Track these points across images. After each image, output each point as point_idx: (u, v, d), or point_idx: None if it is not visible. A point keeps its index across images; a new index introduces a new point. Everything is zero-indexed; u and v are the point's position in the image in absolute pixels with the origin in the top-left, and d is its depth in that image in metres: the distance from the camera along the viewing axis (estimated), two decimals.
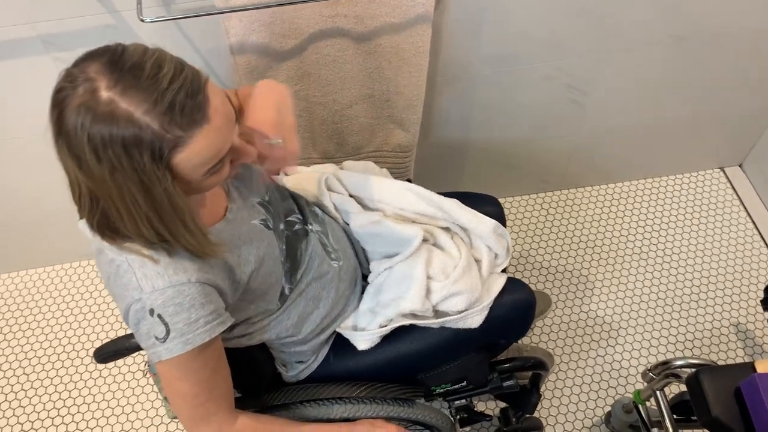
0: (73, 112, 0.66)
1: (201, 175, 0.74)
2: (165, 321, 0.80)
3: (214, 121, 0.72)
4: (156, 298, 0.79)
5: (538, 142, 1.84)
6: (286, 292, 1.01)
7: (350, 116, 1.49)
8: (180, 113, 0.68)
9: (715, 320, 1.79)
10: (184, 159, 0.71)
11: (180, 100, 0.68)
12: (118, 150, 0.67)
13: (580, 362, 1.72)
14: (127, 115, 0.66)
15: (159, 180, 0.70)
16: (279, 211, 1.04)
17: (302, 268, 1.03)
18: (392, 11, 1.29)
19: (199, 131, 0.70)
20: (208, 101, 0.71)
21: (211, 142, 0.72)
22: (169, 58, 0.70)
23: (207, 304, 0.82)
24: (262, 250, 0.94)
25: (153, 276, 0.79)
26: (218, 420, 0.89)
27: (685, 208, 2.03)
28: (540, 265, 1.91)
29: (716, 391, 1.12)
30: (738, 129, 1.96)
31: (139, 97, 0.66)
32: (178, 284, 0.80)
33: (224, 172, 0.79)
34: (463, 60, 1.52)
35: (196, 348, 0.82)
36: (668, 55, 1.62)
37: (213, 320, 0.83)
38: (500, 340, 1.21)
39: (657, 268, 1.90)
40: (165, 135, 0.68)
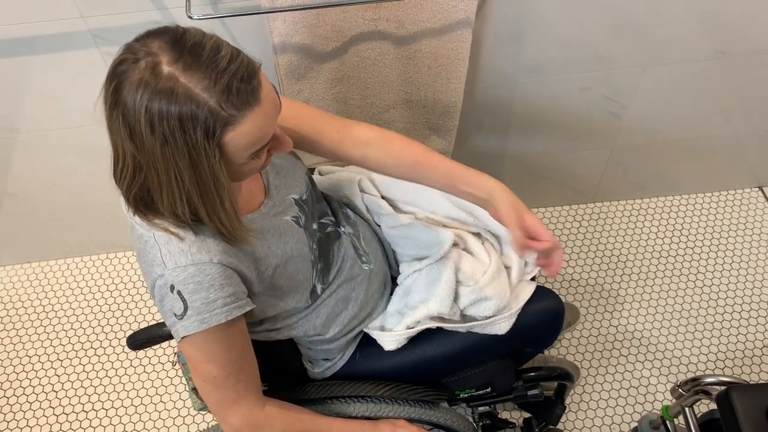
0: (133, 85, 0.69)
1: (245, 157, 0.77)
2: (183, 298, 0.81)
3: (265, 105, 0.75)
4: (177, 275, 0.81)
5: (573, 153, 1.83)
6: (318, 292, 1.02)
7: (387, 120, 1.51)
8: (236, 93, 0.71)
9: (748, 340, 1.76)
10: (233, 138, 0.73)
11: (237, 81, 0.71)
12: (173, 123, 0.69)
13: (607, 376, 1.70)
14: (187, 91, 0.69)
15: (207, 157, 0.72)
16: (313, 211, 1.05)
17: (335, 269, 1.05)
18: (433, 17, 1.30)
19: (250, 113, 0.73)
20: (261, 85, 0.74)
21: (260, 125, 0.75)
22: (226, 43, 0.74)
23: (226, 286, 0.83)
24: (289, 246, 0.96)
25: (177, 253, 0.81)
26: (247, 404, 0.90)
27: (720, 226, 2.00)
28: (570, 277, 1.90)
29: (747, 410, 1.10)
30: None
31: (199, 75, 0.69)
32: (199, 263, 0.81)
33: (262, 159, 0.81)
34: (501, 68, 1.52)
35: (214, 328, 0.83)
36: (709, 70, 1.60)
37: (231, 303, 0.84)
38: (527, 348, 1.21)
39: (690, 285, 1.87)
40: (220, 113, 0.70)
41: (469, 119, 1.65)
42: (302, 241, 0.99)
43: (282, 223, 0.97)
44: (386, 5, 1.27)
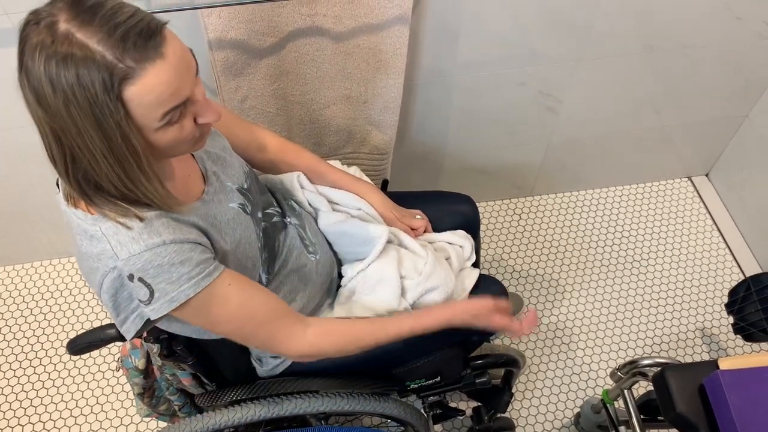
0: (33, 46, 0.68)
1: (157, 119, 0.74)
2: (147, 283, 0.80)
3: (170, 59, 0.72)
4: (134, 264, 0.79)
5: (511, 147, 1.87)
6: (263, 282, 1.01)
7: (328, 116, 1.50)
8: (133, 45, 0.69)
9: (681, 324, 1.84)
10: (136, 94, 0.71)
11: (135, 33, 0.69)
12: (71, 78, 0.67)
13: (550, 364, 1.75)
14: (82, 44, 0.67)
15: (111, 113, 0.70)
16: (258, 201, 1.04)
17: (280, 259, 1.04)
18: (370, 12, 1.30)
19: (152, 66, 0.70)
20: (165, 41, 0.72)
21: (166, 81, 0.72)
22: (129, 4, 0.72)
23: (187, 261, 0.82)
24: (238, 233, 0.95)
25: (128, 242, 0.79)
26: (285, 339, 0.93)
27: (653, 216, 2.08)
28: (512, 268, 1.94)
29: (681, 388, 1.15)
30: (705, 139, 2.02)
31: (94, 29, 0.68)
32: (153, 247, 0.80)
33: (186, 126, 0.78)
34: (439, 64, 1.54)
35: (190, 300, 0.82)
36: (639, 64, 1.67)
37: (197, 274, 0.82)
38: (473, 336, 1.23)
39: (626, 273, 1.94)
40: (117, 64, 0.68)
41: (409, 115, 1.66)
42: (250, 229, 0.98)
43: (228, 210, 0.95)
44: (323, 1, 1.26)
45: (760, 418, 1.04)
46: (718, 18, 1.58)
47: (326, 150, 1.59)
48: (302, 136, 1.54)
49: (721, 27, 1.61)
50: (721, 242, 2.02)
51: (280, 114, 1.48)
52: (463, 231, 1.26)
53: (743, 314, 1.49)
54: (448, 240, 1.21)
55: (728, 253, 1.99)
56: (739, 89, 1.82)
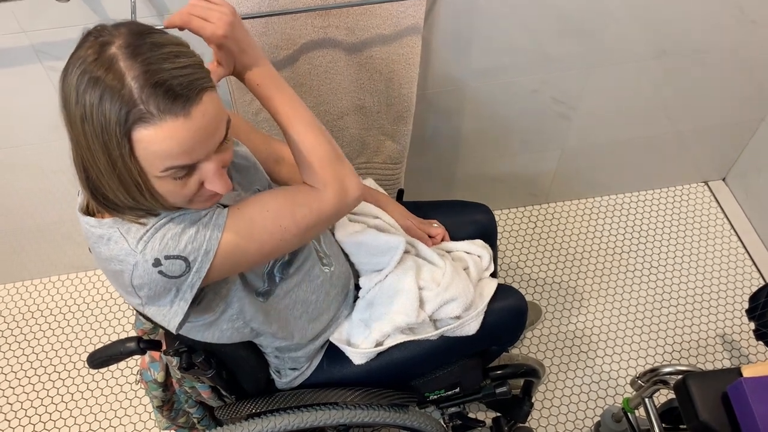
0: (79, 55, 0.70)
1: (158, 170, 0.73)
2: (175, 255, 0.80)
3: (195, 120, 0.71)
4: (152, 248, 0.79)
5: (525, 155, 1.87)
6: (276, 280, 1.00)
7: (341, 127, 1.51)
8: (164, 94, 0.69)
9: (701, 330, 1.81)
10: (145, 139, 0.70)
11: (171, 84, 0.69)
12: (94, 99, 0.68)
13: (569, 372, 1.73)
14: (119, 72, 0.68)
15: (117, 144, 0.70)
16: None
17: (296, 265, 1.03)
18: (383, 23, 1.31)
19: (173, 120, 0.70)
20: (198, 101, 0.71)
21: (180, 138, 0.71)
22: (192, 53, 0.73)
23: (196, 220, 0.82)
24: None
25: (140, 234, 0.80)
26: (315, 196, 0.89)
27: (670, 221, 2.06)
28: (529, 276, 1.93)
29: (704, 396, 1.13)
30: (721, 143, 2.00)
31: (138, 64, 0.68)
32: (162, 225, 0.80)
33: (189, 185, 0.78)
34: (451, 73, 1.54)
35: (223, 240, 0.82)
36: (652, 70, 1.66)
37: (209, 220, 0.82)
38: (493, 346, 1.22)
39: (644, 280, 1.92)
40: (138, 104, 0.68)
41: (423, 124, 1.66)
42: None
43: None
44: (336, 13, 1.27)
45: None
46: (731, 21, 1.57)
47: None
48: None
49: (735, 30, 1.60)
50: (740, 247, 1.99)
51: None
52: (481, 240, 1.25)
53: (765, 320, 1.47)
54: (466, 249, 1.21)
55: (747, 258, 1.97)
56: (754, 93, 1.81)
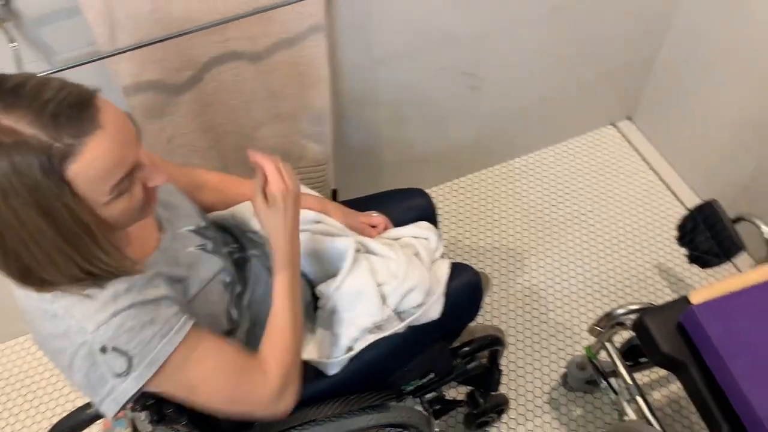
0: None
1: (107, 194, 0.70)
2: (122, 350, 0.75)
3: (108, 128, 0.68)
4: (104, 333, 0.74)
5: (445, 131, 1.88)
6: (235, 317, 0.98)
7: (261, 138, 1.47)
8: (67, 121, 0.65)
9: (642, 266, 1.90)
10: (80, 170, 0.66)
11: (66, 107, 0.65)
12: (5, 168, 0.63)
13: (527, 332, 1.78)
14: (10, 130, 0.63)
15: (56, 195, 0.66)
16: (218, 237, 1.01)
17: (248, 294, 1.01)
18: (284, 27, 1.28)
19: (91, 138, 0.66)
20: (99, 110, 0.68)
21: (108, 151, 0.68)
22: (55, 78, 0.68)
23: (156, 319, 0.78)
24: (203, 273, 0.92)
25: (93, 312, 0.75)
26: (255, 381, 0.87)
27: (589, 168, 2.14)
28: (469, 247, 1.96)
29: (661, 330, 1.19)
30: (622, 85, 2.09)
31: (22, 110, 0.63)
32: (121, 311, 0.76)
33: (136, 194, 0.74)
34: (361, 64, 1.53)
35: (171, 358, 0.79)
36: (548, 26, 1.70)
37: (169, 330, 0.79)
38: (456, 325, 1.23)
39: (576, 229, 1.99)
40: (53, 144, 0.64)
41: (341, 119, 1.64)
42: (216, 266, 0.95)
43: (188, 254, 0.92)
44: (234, 25, 1.23)
45: (741, 341, 1.08)
46: None
47: None
48: (238, 163, 1.50)
49: None
50: (657, 180, 2.10)
51: (211, 146, 1.44)
52: (428, 224, 1.25)
53: (695, 244, 1.55)
54: (413, 234, 1.21)
55: (666, 190, 2.07)
56: (644, 32, 1.89)
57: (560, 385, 1.68)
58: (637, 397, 1.33)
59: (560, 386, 1.68)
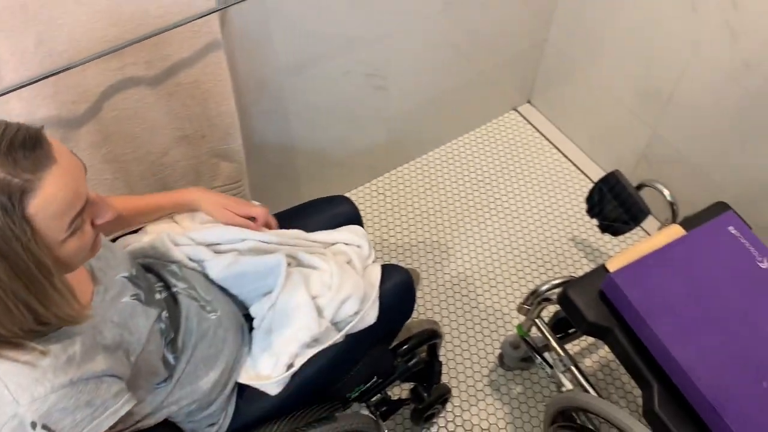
0: None
1: (64, 230, 0.69)
2: (52, 430, 0.72)
3: (62, 162, 0.68)
4: (38, 408, 0.71)
5: (356, 133, 1.90)
6: (171, 362, 0.95)
7: (169, 163, 1.43)
8: (23, 157, 0.64)
9: (559, 242, 1.98)
10: (40, 206, 0.65)
11: (19, 144, 0.64)
12: None
13: (460, 320, 1.82)
14: None
15: (17, 236, 0.63)
16: (148, 283, 0.98)
17: (181, 334, 0.98)
18: (180, 47, 1.25)
19: (48, 173, 0.66)
20: (50, 144, 0.68)
21: (65, 185, 0.68)
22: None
23: (94, 400, 0.76)
24: (141, 326, 0.89)
25: (30, 384, 0.71)
26: None
27: (497, 154, 2.21)
28: (395, 245, 1.98)
29: (585, 300, 1.25)
30: (518, 70, 2.17)
31: None
32: (60, 388, 0.72)
33: (87, 231, 0.73)
34: (265, 76, 1.51)
35: None
36: (442, 21, 1.74)
37: (102, 413, 0.76)
38: (393, 326, 1.25)
39: (494, 214, 2.05)
40: (12, 181, 0.63)
41: (253, 133, 1.62)
42: (152, 317, 0.92)
43: (123, 306, 0.88)
44: (129, 51, 1.19)
45: (659, 300, 1.15)
46: None
47: None
48: (149, 191, 1.45)
49: None
50: (562, 158, 2.19)
51: (117, 178, 1.38)
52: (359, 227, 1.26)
53: (604, 214, 1.64)
54: (344, 241, 1.21)
55: (572, 165, 2.17)
56: (533, 17, 1.98)
57: (498, 366, 1.73)
58: (571, 367, 1.39)
59: (498, 367, 1.73)
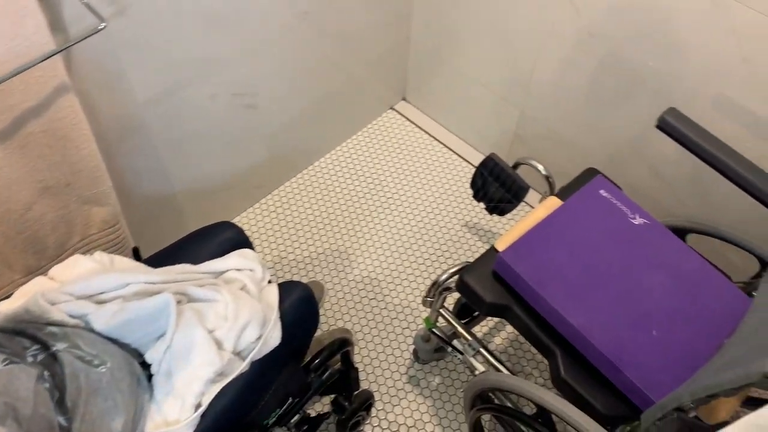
0: None
1: None
2: None
3: None
4: None
5: (235, 156, 1.86)
6: (64, 423, 0.89)
7: (35, 218, 1.33)
8: None
9: (453, 230, 2.03)
10: None
11: None
12: None
13: (370, 323, 1.82)
14: None
15: None
16: (16, 348, 0.91)
17: (69, 392, 0.92)
18: (25, 96, 1.17)
19: None
20: None
21: None
22: None
23: None
24: (23, 387, 0.83)
25: None
26: None
27: (382, 154, 2.24)
28: (295, 261, 1.95)
29: (480, 283, 1.28)
30: (389, 69, 2.21)
31: None
32: None
33: None
34: (125, 112, 1.45)
35: None
36: (300, 31, 1.73)
37: None
38: (300, 342, 1.23)
39: (388, 213, 2.07)
40: None
41: (123, 172, 1.55)
42: (32, 376, 0.86)
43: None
44: None
45: (548, 271, 1.20)
46: None
47: (53, 251, 1.42)
48: (18, 251, 1.35)
49: None
50: (444, 149, 2.25)
51: None
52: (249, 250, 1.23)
53: (489, 196, 1.69)
54: (237, 266, 1.17)
55: (453, 154, 2.23)
56: (391, 17, 2.01)
57: (414, 362, 1.75)
58: (481, 350, 1.42)
59: (414, 363, 1.75)
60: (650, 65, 1.52)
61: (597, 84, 1.68)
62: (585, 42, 1.62)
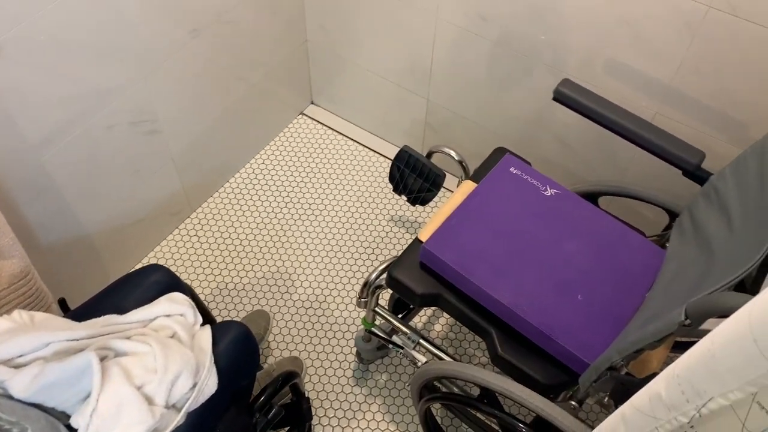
0: None
1: None
2: None
3: None
4: None
5: (146, 185, 1.79)
6: None
7: None
8: None
9: (378, 227, 2.03)
10: None
11: None
12: None
13: (315, 339, 1.79)
14: None
15: None
16: None
17: None
18: None
19: None
20: None
21: None
22: None
23: None
24: None
25: None
26: None
27: (299, 160, 2.21)
28: (227, 291, 1.90)
29: (409, 276, 1.29)
30: (293, 75, 2.18)
31: None
32: None
33: None
34: (16, 157, 1.37)
35: None
36: (196, 47, 1.69)
37: None
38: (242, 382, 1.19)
39: (313, 219, 2.05)
40: None
41: (27, 223, 1.47)
42: None
43: None
44: None
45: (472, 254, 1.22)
46: None
47: None
48: None
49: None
50: (359, 147, 2.25)
51: None
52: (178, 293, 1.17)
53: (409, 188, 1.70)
54: (166, 312, 1.12)
55: (369, 151, 2.23)
56: (285, 23, 1.99)
57: (359, 364, 1.74)
58: (420, 341, 1.43)
59: (359, 365, 1.74)
60: (542, 38, 1.56)
61: (495, 65, 1.71)
62: (478, 26, 1.65)
